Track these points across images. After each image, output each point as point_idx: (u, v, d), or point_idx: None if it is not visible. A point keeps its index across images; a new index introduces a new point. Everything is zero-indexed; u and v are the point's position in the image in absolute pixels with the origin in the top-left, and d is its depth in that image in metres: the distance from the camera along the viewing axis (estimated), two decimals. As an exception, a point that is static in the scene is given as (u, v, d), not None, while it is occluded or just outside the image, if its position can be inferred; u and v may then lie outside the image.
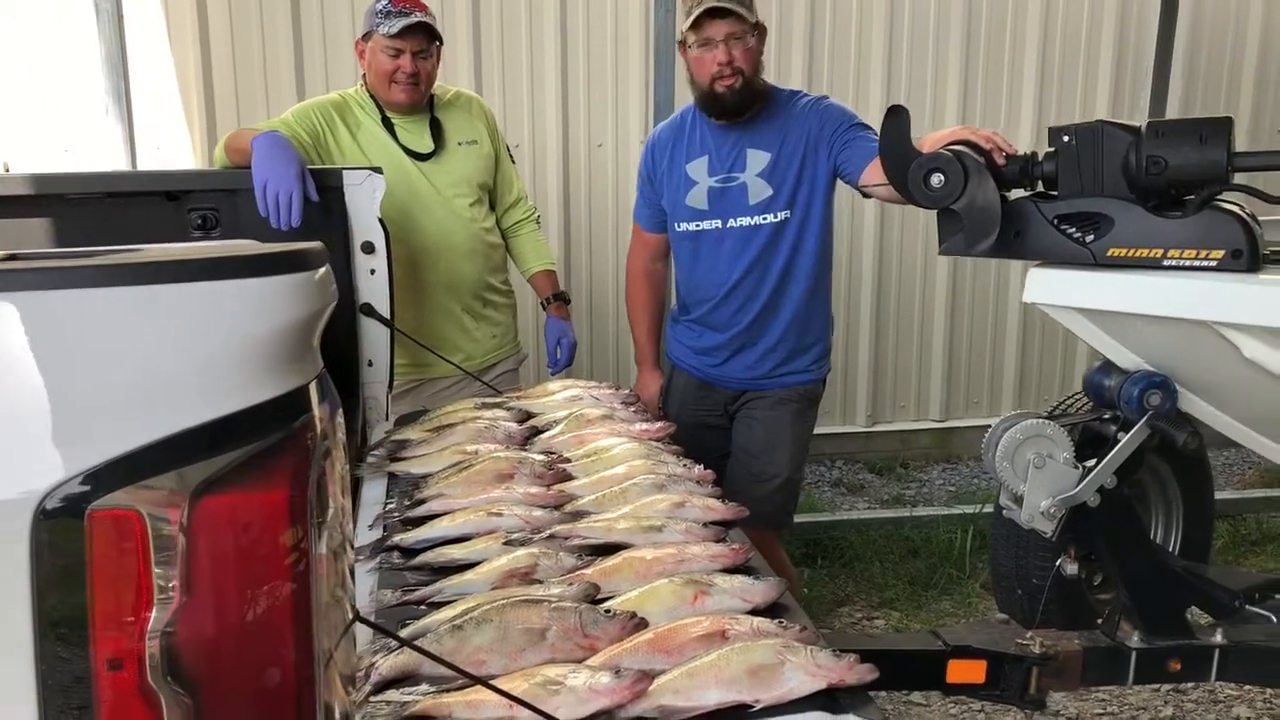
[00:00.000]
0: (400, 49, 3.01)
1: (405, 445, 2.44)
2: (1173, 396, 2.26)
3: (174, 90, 4.50)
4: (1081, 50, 5.43)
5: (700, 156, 3.08)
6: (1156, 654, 2.33)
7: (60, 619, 0.84)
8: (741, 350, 3.14)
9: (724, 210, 3.05)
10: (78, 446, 0.84)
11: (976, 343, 5.71)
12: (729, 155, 3.04)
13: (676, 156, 3.13)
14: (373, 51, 3.05)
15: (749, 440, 3.17)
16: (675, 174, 3.12)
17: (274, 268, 0.93)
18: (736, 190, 3.03)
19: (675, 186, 3.12)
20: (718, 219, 3.07)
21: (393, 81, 3.04)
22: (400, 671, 1.46)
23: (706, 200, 3.07)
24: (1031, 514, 2.28)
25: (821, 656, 1.44)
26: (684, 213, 3.12)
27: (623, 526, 1.89)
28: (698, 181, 3.08)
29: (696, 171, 3.08)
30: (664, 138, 3.20)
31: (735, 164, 3.03)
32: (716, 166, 3.05)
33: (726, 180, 3.04)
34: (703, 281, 3.14)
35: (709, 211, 3.07)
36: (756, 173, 3.01)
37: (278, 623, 0.91)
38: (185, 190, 2.65)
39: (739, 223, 3.04)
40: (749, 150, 3.02)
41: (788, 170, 2.99)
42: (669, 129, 3.21)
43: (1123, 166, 2.16)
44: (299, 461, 0.93)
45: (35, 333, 0.83)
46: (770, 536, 3.15)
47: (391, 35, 2.98)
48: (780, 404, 3.15)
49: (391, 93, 3.07)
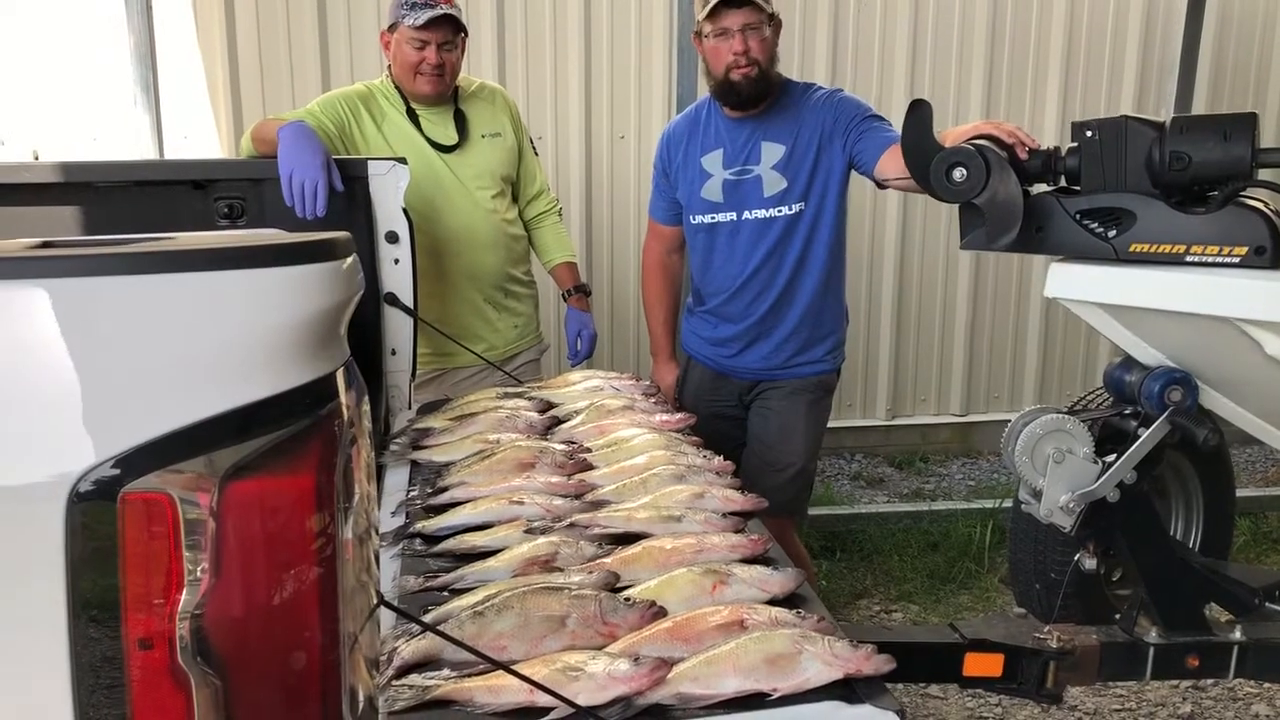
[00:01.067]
0: (426, 40, 3.03)
1: (428, 433, 2.47)
2: (1194, 392, 2.25)
3: (201, 80, 4.54)
4: (1107, 44, 5.39)
5: (715, 149, 3.09)
6: (1175, 650, 2.32)
7: (92, 599, 0.86)
8: (756, 341, 3.15)
9: (739, 203, 3.06)
10: (110, 431, 0.85)
11: (998, 337, 5.69)
12: (744, 148, 3.05)
13: (692, 149, 3.14)
14: (398, 43, 3.07)
15: (764, 430, 3.18)
16: (690, 167, 3.13)
17: (303, 257, 0.93)
18: (751, 183, 3.04)
19: (690, 179, 3.13)
20: (732, 211, 3.08)
21: (418, 73, 3.06)
22: (422, 656, 1.49)
23: (721, 193, 3.08)
24: (1050, 509, 2.28)
25: (839, 647, 1.46)
26: (699, 205, 3.13)
27: (642, 516, 1.91)
28: (713, 174, 3.08)
29: (711, 164, 3.09)
30: (679, 131, 3.21)
31: (750, 156, 3.04)
32: (731, 159, 3.06)
33: (741, 173, 3.05)
34: (718, 273, 3.15)
35: (724, 204, 3.08)
36: (771, 165, 3.02)
37: (304, 606, 0.92)
38: (212, 179, 2.68)
39: (754, 215, 3.05)
40: (764, 143, 3.02)
41: (802, 163, 3.00)
42: (684, 122, 3.22)
43: (1146, 162, 2.15)
44: (326, 447, 0.94)
45: (68, 319, 0.84)
46: (786, 525, 3.16)
47: (418, 27, 3.00)
48: (795, 394, 3.16)
49: (417, 84, 3.09)
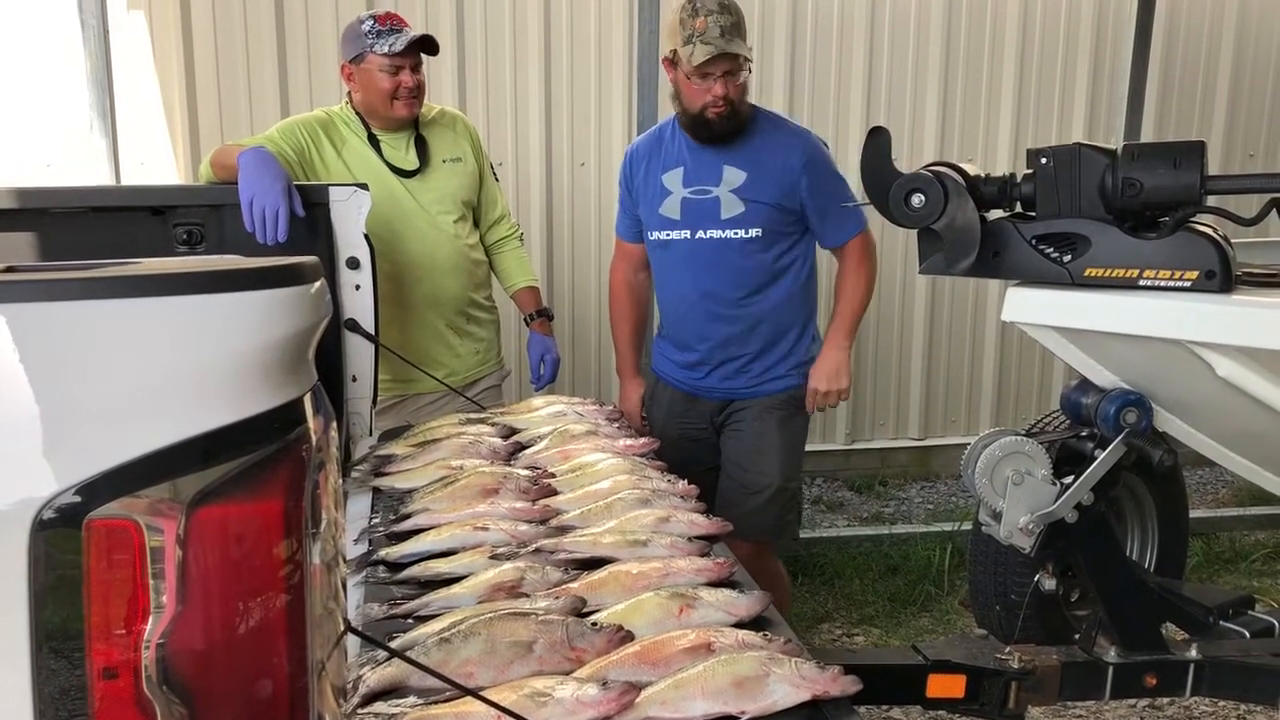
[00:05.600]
0: (400, 65, 3.03)
1: (390, 460, 2.45)
2: (1148, 414, 2.28)
3: (158, 106, 4.50)
4: (1058, 73, 5.50)
5: (676, 167, 3.10)
6: (1133, 669, 2.36)
7: (56, 628, 0.84)
8: (721, 363, 3.16)
9: (694, 221, 3.07)
10: (75, 457, 0.84)
11: (955, 361, 5.75)
12: (705, 168, 3.06)
13: (654, 166, 3.15)
14: (367, 73, 3.05)
15: (737, 452, 3.17)
16: (651, 183, 3.15)
17: (271, 281, 0.93)
18: (709, 203, 3.05)
19: (651, 196, 3.15)
20: (687, 229, 3.08)
21: (394, 98, 3.06)
22: (388, 684, 1.47)
23: (679, 210, 3.08)
24: (1010, 530, 2.30)
25: (806, 668, 1.46)
26: (656, 221, 3.15)
27: (608, 541, 1.91)
28: (672, 191, 3.10)
29: (671, 181, 3.10)
30: (643, 148, 3.23)
31: (710, 177, 3.05)
32: (692, 178, 3.08)
33: (700, 192, 3.06)
34: (672, 292, 3.18)
35: (680, 222, 3.09)
36: (731, 189, 3.03)
37: (272, 633, 0.91)
38: (171, 205, 2.66)
39: (709, 235, 3.06)
40: (725, 166, 3.04)
41: (762, 192, 3.01)
42: (648, 140, 3.24)
43: (1099, 188, 2.18)
44: (294, 473, 0.94)
45: (28, 345, 0.83)
46: (765, 547, 3.15)
47: (396, 54, 3.00)
48: (766, 412, 3.15)
49: (395, 109, 3.08)
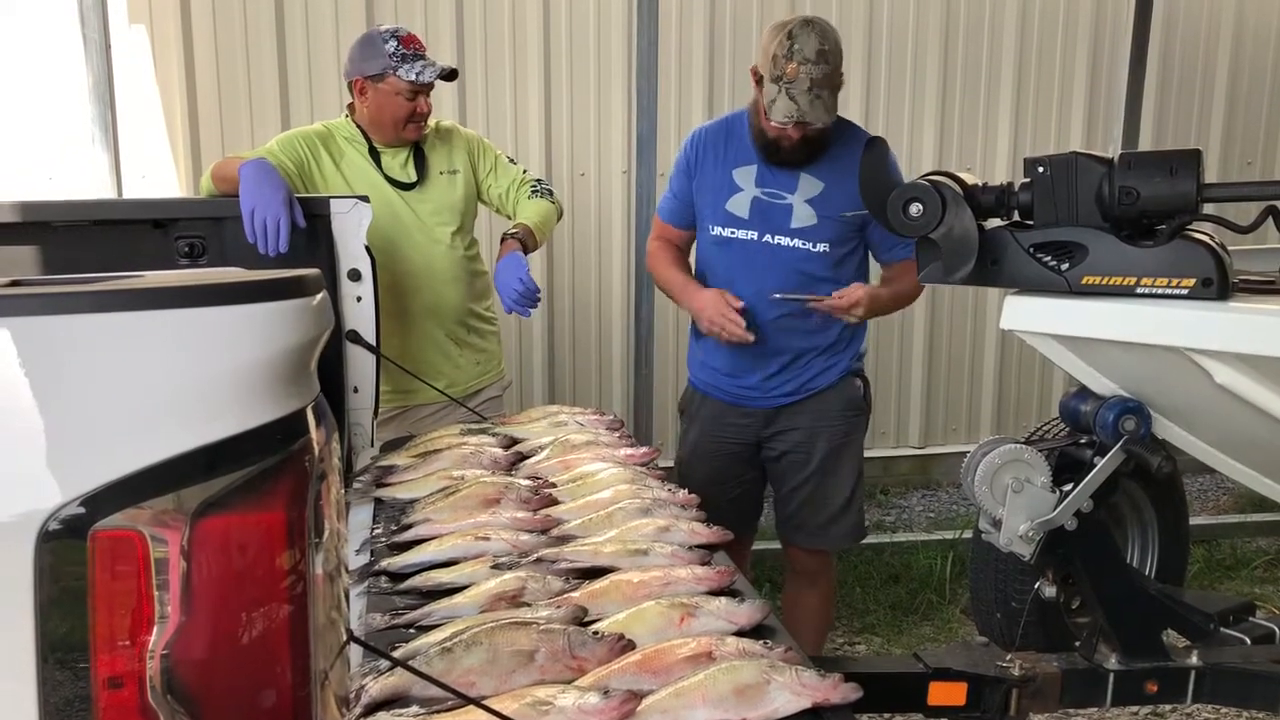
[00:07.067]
0: (419, 91, 3.03)
1: (391, 471, 2.46)
2: (1147, 422, 2.29)
3: (159, 119, 4.52)
4: (1056, 82, 5.52)
5: (750, 164, 2.95)
6: (1134, 676, 2.37)
7: (62, 639, 0.85)
8: (773, 369, 3.01)
9: (763, 224, 2.93)
10: (80, 469, 0.85)
11: (954, 370, 5.75)
12: (782, 171, 2.91)
13: (724, 157, 2.98)
14: (384, 93, 3.03)
15: (805, 461, 3.06)
16: (719, 174, 2.98)
17: (274, 294, 0.94)
18: (782, 209, 2.92)
19: (717, 187, 2.98)
20: (754, 231, 2.94)
21: (409, 122, 3.06)
22: (391, 693, 1.48)
23: (748, 209, 2.94)
24: (1010, 537, 2.30)
25: (807, 676, 1.47)
26: (720, 216, 2.98)
27: (609, 550, 1.92)
28: (743, 188, 2.94)
29: (743, 178, 2.95)
30: (713, 134, 3.03)
31: (786, 181, 2.92)
32: (766, 179, 2.93)
33: (774, 195, 2.93)
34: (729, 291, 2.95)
35: (748, 221, 2.94)
36: (806, 199, 2.91)
37: (275, 643, 0.92)
38: (173, 218, 2.67)
39: (776, 240, 2.92)
40: (804, 174, 2.91)
41: (837, 206, 2.88)
42: (716, 129, 3.05)
43: (1096, 197, 2.19)
44: (297, 484, 0.95)
45: (34, 358, 0.84)
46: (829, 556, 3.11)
47: (423, 83, 3.00)
48: (823, 415, 3.04)
49: (406, 132, 3.08)
